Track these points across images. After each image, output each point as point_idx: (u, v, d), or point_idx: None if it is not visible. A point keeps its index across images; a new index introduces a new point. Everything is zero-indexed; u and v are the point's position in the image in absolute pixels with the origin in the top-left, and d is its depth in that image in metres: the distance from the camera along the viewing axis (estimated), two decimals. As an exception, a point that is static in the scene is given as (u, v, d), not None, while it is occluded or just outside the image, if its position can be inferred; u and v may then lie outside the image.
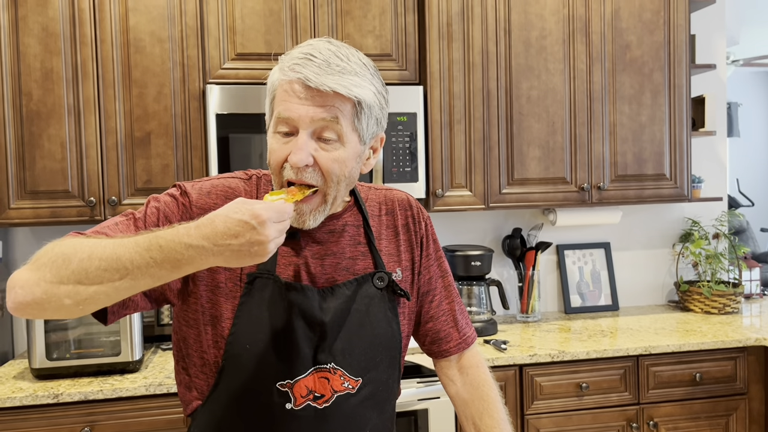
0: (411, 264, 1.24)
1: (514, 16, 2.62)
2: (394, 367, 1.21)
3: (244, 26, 2.42)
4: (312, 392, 1.10)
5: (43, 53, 2.27)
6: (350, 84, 1.03)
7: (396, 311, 1.20)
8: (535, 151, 2.65)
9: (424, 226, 1.28)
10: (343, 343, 1.13)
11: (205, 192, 1.12)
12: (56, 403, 2.02)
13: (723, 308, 2.89)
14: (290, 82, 1.03)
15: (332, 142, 1.06)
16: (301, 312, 1.10)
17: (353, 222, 1.19)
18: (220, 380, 1.11)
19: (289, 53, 1.08)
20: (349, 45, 1.10)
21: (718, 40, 3.22)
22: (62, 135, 2.28)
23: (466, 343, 1.30)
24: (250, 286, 1.10)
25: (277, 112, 1.05)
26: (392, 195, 1.28)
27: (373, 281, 1.16)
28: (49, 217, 2.29)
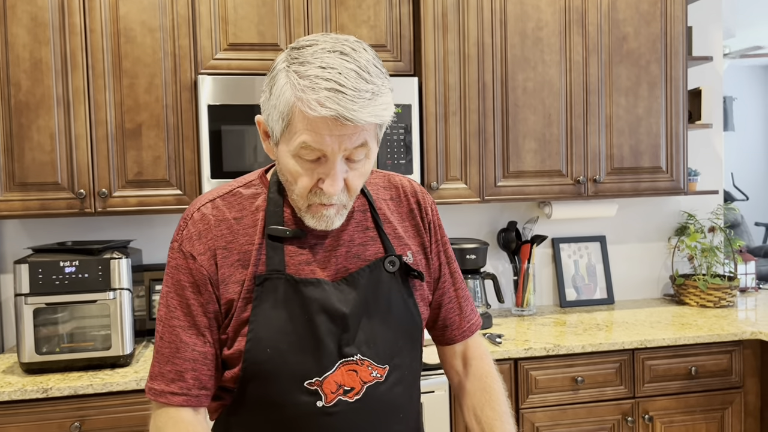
0: (422, 249, 1.23)
1: (510, 7, 2.59)
2: (417, 349, 1.20)
3: (236, 16, 2.38)
4: (342, 387, 1.09)
5: (32, 43, 2.23)
6: (381, 110, 0.99)
7: (411, 293, 1.18)
8: (530, 143, 2.63)
9: (430, 211, 1.25)
10: (365, 332, 1.11)
11: (195, 239, 1.10)
12: (45, 398, 2.00)
13: (718, 302, 2.88)
14: (321, 117, 0.96)
15: (361, 160, 1.05)
16: (322, 306, 1.08)
17: (359, 207, 1.18)
18: (245, 389, 1.09)
19: (297, 69, 0.98)
20: (365, 46, 1.03)
21: (715, 32, 3.20)
22: (51, 126, 2.25)
23: (470, 330, 1.30)
24: (261, 288, 1.08)
25: (303, 141, 0.98)
26: (396, 180, 1.26)
27: (384, 266, 1.14)
28: (39, 209, 2.25)
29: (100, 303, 2.15)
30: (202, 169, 2.33)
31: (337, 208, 1.07)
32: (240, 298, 1.08)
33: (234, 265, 1.09)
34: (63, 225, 2.60)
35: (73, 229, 2.61)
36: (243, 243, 1.10)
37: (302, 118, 0.97)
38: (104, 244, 2.24)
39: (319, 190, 1.03)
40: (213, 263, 1.09)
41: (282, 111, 1.00)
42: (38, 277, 2.10)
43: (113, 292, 2.14)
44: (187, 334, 1.08)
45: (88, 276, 2.13)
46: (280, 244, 1.10)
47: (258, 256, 1.09)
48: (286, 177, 1.06)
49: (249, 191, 1.14)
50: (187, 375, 1.08)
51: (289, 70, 0.99)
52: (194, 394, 1.08)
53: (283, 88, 0.99)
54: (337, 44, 0.99)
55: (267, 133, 1.08)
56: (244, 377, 1.08)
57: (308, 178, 1.03)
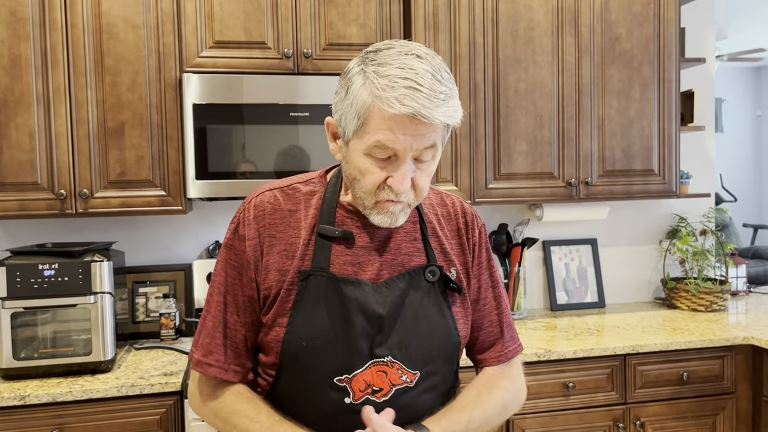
0: (465, 268, 1.24)
1: (502, 7, 2.55)
2: (452, 362, 1.21)
3: (222, 13, 2.33)
4: (370, 386, 1.11)
5: (11, 38, 2.16)
6: (453, 111, 1.04)
7: (450, 306, 1.19)
8: (522, 145, 2.59)
9: (478, 233, 1.27)
10: (399, 336, 1.13)
11: (248, 223, 1.17)
12: (23, 405, 1.93)
13: (710, 306, 2.86)
14: (398, 115, 1.00)
15: (428, 161, 1.09)
16: (360, 306, 1.11)
17: (410, 218, 1.20)
18: (279, 378, 1.15)
19: (375, 69, 1.03)
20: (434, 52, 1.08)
21: (707, 33, 3.18)
22: (31, 124, 2.18)
23: (506, 356, 1.28)
24: (305, 283, 1.12)
25: (377, 140, 1.03)
26: (448, 198, 1.29)
27: (425, 274, 1.17)
28: (17, 210, 2.19)
29: (81, 307, 2.09)
30: (186, 169, 2.27)
31: (403, 206, 1.11)
32: (282, 288, 1.12)
33: (279, 254, 1.14)
34: (43, 226, 2.54)
35: (53, 231, 2.55)
36: (292, 235, 1.15)
37: (379, 116, 1.02)
38: (85, 246, 2.17)
39: (387, 187, 1.07)
40: (259, 249, 1.14)
41: (359, 110, 1.04)
42: (16, 280, 2.04)
43: (94, 295, 2.08)
44: (223, 311, 1.15)
45: (68, 279, 2.07)
46: (328, 242, 1.14)
47: (305, 251, 1.14)
48: (354, 174, 1.10)
49: (307, 188, 1.20)
50: (221, 349, 1.15)
51: (367, 71, 1.04)
52: (226, 367, 1.15)
53: (361, 88, 1.04)
54: (413, 48, 1.05)
55: (335, 134, 1.13)
56: (281, 366, 1.13)
57: (377, 174, 1.07)
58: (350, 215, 1.17)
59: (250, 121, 2.29)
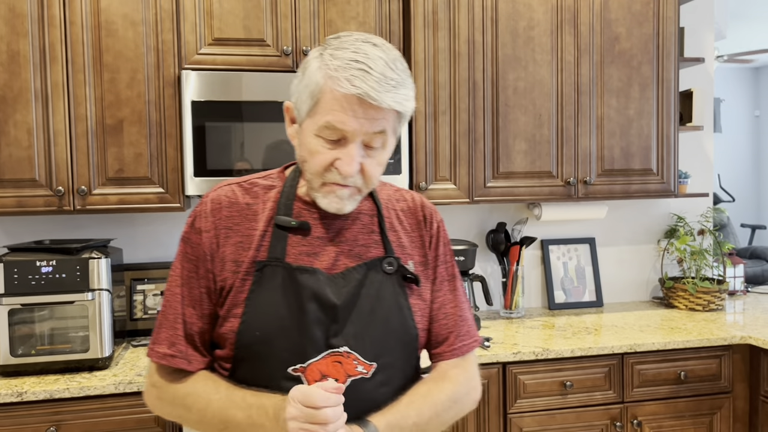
0: (424, 261, 1.25)
1: (502, 5, 2.55)
2: (410, 355, 1.21)
3: (221, 10, 2.32)
4: (325, 376, 1.11)
5: (9, 35, 2.15)
6: (404, 99, 1.07)
7: (407, 298, 1.20)
8: (521, 144, 2.59)
9: (436, 227, 1.28)
10: (355, 327, 1.13)
11: (204, 216, 1.18)
12: (20, 402, 1.93)
13: (707, 305, 2.86)
14: (348, 96, 1.04)
15: (377, 149, 1.10)
16: (313, 294, 1.11)
17: (368, 211, 1.22)
18: (234, 370, 1.15)
19: (332, 52, 1.07)
20: (391, 45, 1.11)
21: (706, 33, 3.18)
22: (29, 121, 2.18)
23: (461, 351, 1.26)
24: (260, 273, 1.13)
25: (327, 121, 1.06)
26: (408, 194, 1.30)
27: (382, 266, 1.17)
28: (15, 206, 2.18)
29: (78, 304, 2.08)
30: (185, 166, 2.26)
31: (351, 191, 1.12)
32: (238, 279, 1.13)
33: (235, 245, 1.15)
34: (41, 223, 2.53)
35: (51, 228, 2.54)
36: (248, 227, 1.16)
37: (330, 96, 1.05)
38: (83, 243, 2.17)
39: (335, 169, 1.09)
40: (215, 241, 1.15)
41: (312, 90, 1.07)
42: (14, 276, 2.04)
43: (92, 292, 2.08)
44: (180, 304, 1.16)
45: (65, 276, 2.06)
46: (285, 233, 1.15)
47: (261, 242, 1.15)
48: (304, 156, 1.12)
49: (266, 182, 1.22)
50: (183, 340, 1.15)
51: (324, 54, 1.08)
52: (189, 357, 1.16)
53: (316, 71, 1.07)
54: (371, 38, 1.09)
55: (293, 119, 1.16)
56: (236, 358, 1.14)
57: (325, 155, 1.08)
58: (307, 207, 1.18)
59: (249, 119, 2.28)
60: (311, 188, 1.14)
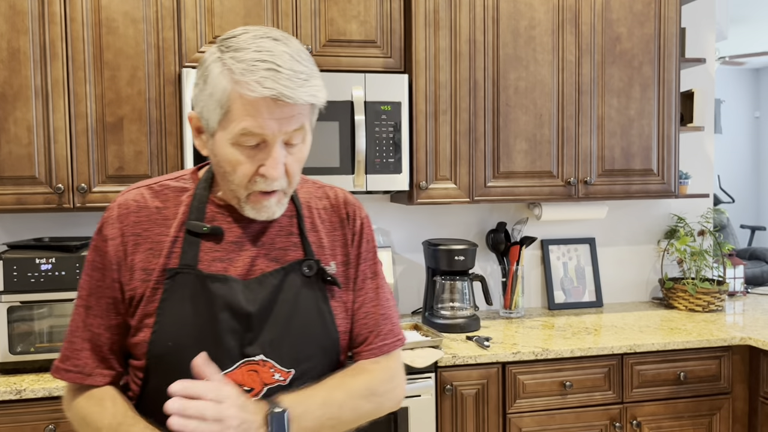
0: (346, 261, 1.21)
1: (503, 5, 2.55)
2: (332, 361, 1.17)
3: (222, 8, 2.32)
4: (240, 386, 1.06)
5: (10, 32, 2.15)
6: (316, 91, 1.03)
7: (328, 301, 1.16)
8: (521, 143, 2.59)
9: (359, 223, 1.23)
10: (271, 334, 1.09)
11: (111, 223, 1.12)
12: (19, 399, 1.93)
13: (707, 306, 2.86)
14: (261, 99, 0.98)
15: (297, 145, 1.07)
16: (226, 303, 1.07)
17: (286, 213, 1.16)
18: (147, 381, 1.10)
19: (232, 54, 1.00)
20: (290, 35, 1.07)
21: (708, 34, 3.18)
22: (29, 118, 2.17)
23: (380, 350, 1.21)
24: (171, 281, 1.08)
25: (243, 127, 1.00)
26: (329, 191, 1.25)
27: (301, 269, 1.13)
28: (14, 204, 2.18)
29: (78, 302, 2.08)
30: (185, 164, 2.26)
31: (278, 197, 1.08)
32: (149, 288, 1.09)
33: (145, 252, 1.10)
34: (41, 220, 2.53)
35: (51, 225, 2.54)
36: (158, 233, 1.11)
37: (242, 103, 0.99)
38: (82, 241, 2.17)
39: (260, 177, 1.04)
40: (122, 249, 1.10)
41: (220, 99, 1.01)
42: (13, 274, 2.03)
43: (91, 290, 2.07)
44: (85, 314, 1.11)
45: (64, 273, 2.06)
46: (197, 239, 1.10)
47: (172, 248, 1.10)
48: (224, 168, 1.06)
49: (177, 184, 1.16)
50: (81, 354, 1.11)
51: (224, 57, 1.01)
52: (87, 372, 1.11)
53: (219, 77, 1.00)
54: (267, 32, 1.03)
55: (199, 129, 1.09)
56: (148, 368, 1.09)
57: (248, 165, 1.03)
58: (221, 210, 1.13)
59: (250, 117, 2.28)
60: (237, 200, 1.09)
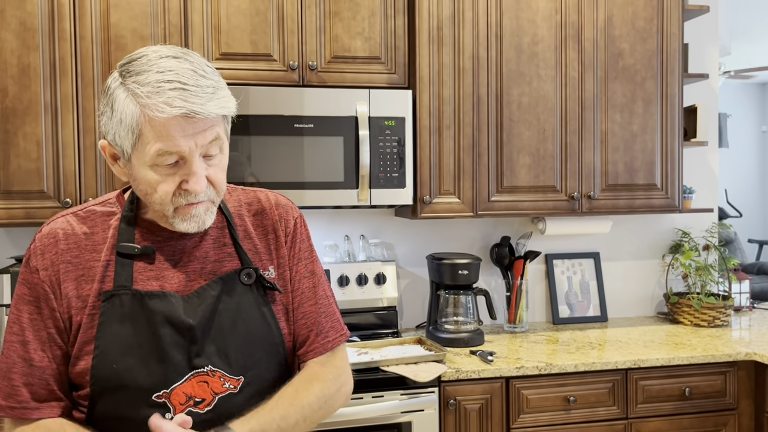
0: (283, 263, 1.22)
1: (506, 22, 2.57)
2: (279, 364, 1.19)
3: (229, 25, 2.36)
4: (191, 398, 1.08)
5: (20, 48, 2.19)
6: (226, 102, 1.05)
7: (269, 305, 1.18)
8: (525, 158, 2.60)
9: (293, 223, 1.25)
10: (216, 344, 1.11)
11: (39, 254, 1.11)
12: (25, 412, 1.94)
13: (713, 321, 2.85)
14: (171, 118, 0.99)
15: (216, 155, 1.08)
16: (166, 318, 1.08)
17: (216, 224, 1.18)
18: (94, 407, 1.09)
19: (134, 78, 1.01)
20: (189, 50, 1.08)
21: (711, 50, 3.19)
22: (38, 133, 2.21)
23: (324, 348, 1.22)
24: (108, 304, 1.08)
25: (158, 149, 1.01)
26: (260, 195, 1.26)
27: (240, 278, 1.15)
28: (23, 218, 2.21)
29: (84, 315, 2.10)
30: (191, 179, 2.28)
31: (205, 206, 1.09)
32: (85, 315, 1.08)
33: (77, 280, 1.10)
34: (49, 234, 2.55)
35: (59, 238, 2.56)
36: (89, 259, 1.11)
37: (152, 125, 1.00)
38: (89, 255, 2.19)
39: (184, 191, 1.05)
40: (56, 278, 1.09)
41: (129, 124, 1.01)
42: (20, 287, 2.05)
43: (97, 303, 2.09)
44: (23, 349, 1.08)
45: (71, 287, 2.08)
46: (129, 260, 1.11)
47: (105, 272, 1.10)
48: (145, 190, 1.07)
49: (104, 209, 1.16)
50: (22, 390, 1.08)
51: (127, 82, 1.01)
52: (33, 406, 1.08)
53: (126, 102, 1.01)
54: (168, 50, 1.04)
55: (114, 155, 1.09)
56: (93, 393, 1.08)
57: (169, 183, 1.05)
58: (150, 230, 1.13)
59: (255, 132, 2.31)
60: (165, 217, 1.09)
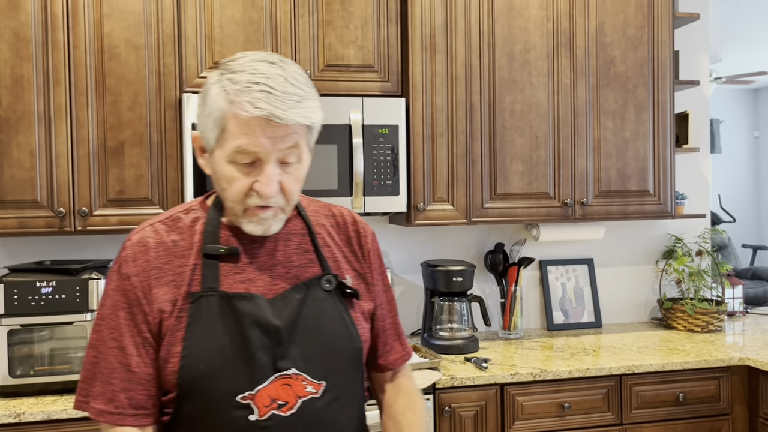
0: (360, 275, 1.26)
1: (498, 29, 2.59)
2: (358, 370, 1.21)
3: (222, 35, 2.37)
4: (275, 400, 1.09)
5: (14, 59, 2.20)
6: (310, 112, 1.07)
7: (349, 313, 1.20)
8: (518, 165, 2.61)
9: (370, 240, 1.29)
10: (301, 347, 1.12)
11: (131, 261, 1.14)
12: (18, 423, 1.93)
13: (706, 326, 2.86)
14: (254, 118, 1.03)
15: (293, 164, 1.10)
16: (254, 320, 1.10)
17: (299, 231, 1.21)
18: (180, 407, 1.11)
19: (230, 76, 1.06)
20: (289, 60, 1.11)
21: (702, 56, 3.22)
22: (32, 143, 2.21)
23: (408, 355, 1.33)
24: (195, 305, 1.10)
25: (237, 145, 1.05)
26: (336, 209, 1.30)
27: (321, 284, 1.17)
28: (16, 227, 2.21)
29: (77, 324, 2.09)
30: (185, 188, 2.29)
31: (274, 212, 1.11)
32: (172, 319, 1.10)
33: (168, 285, 1.12)
34: (43, 244, 2.55)
35: (52, 248, 2.56)
36: (178, 264, 1.14)
37: (236, 121, 1.04)
38: (83, 264, 2.19)
39: (254, 192, 1.08)
40: (147, 284, 1.12)
41: (216, 118, 1.06)
42: (14, 297, 2.05)
43: (91, 313, 2.09)
44: (121, 355, 1.11)
45: (65, 296, 2.08)
46: (215, 262, 1.13)
47: (192, 276, 1.13)
48: (221, 184, 1.11)
49: (189, 216, 1.19)
50: (121, 395, 1.10)
51: (222, 80, 1.06)
52: (130, 413, 1.10)
53: (216, 97, 1.06)
54: (266, 56, 1.08)
55: (202, 148, 1.14)
56: (179, 395, 1.10)
57: (243, 181, 1.08)
58: (235, 234, 1.16)
59: (249, 141, 2.31)
60: (234, 215, 1.12)
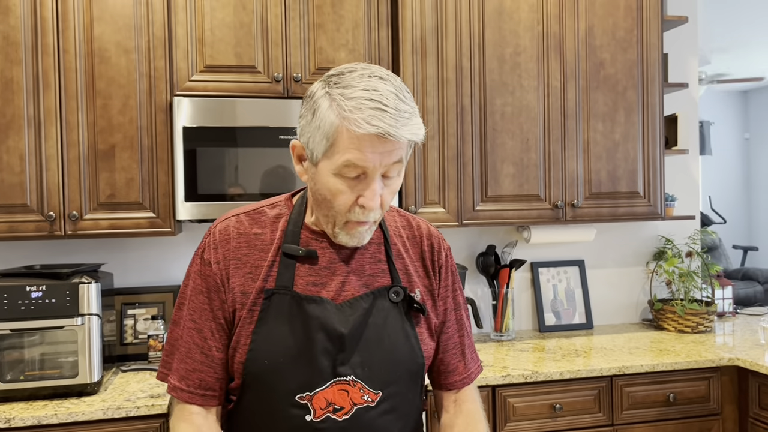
0: (429, 290, 1.26)
1: (489, 33, 2.60)
2: (416, 383, 1.22)
3: (213, 38, 2.37)
4: (331, 404, 1.13)
5: (3, 62, 2.19)
6: (418, 129, 1.08)
7: (414, 327, 1.21)
8: (509, 168, 2.62)
9: (444, 256, 1.30)
10: (362, 355, 1.15)
11: (213, 248, 1.18)
12: (8, 428, 1.92)
13: (696, 327, 2.88)
14: (366, 134, 1.04)
15: (394, 177, 1.12)
16: (321, 324, 1.13)
17: (375, 239, 1.23)
18: (242, 397, 1.16)
19: (341, 91, 1.06)
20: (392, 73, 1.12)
21: (690, 59, 3.24)
22: (21, 147, 2.20)
23: (469, 378, 1.32)
24: (268, 302, 1.14)
25: (347, 159, 1.06)
26: (414, 221, 1.31)
27: (389, 295, 1.19)
28: (6, 232, 2.20)
29: (68, 329, 2.09)
30: (176, 191, 2.29)
31: (369, 225, 1.14)
32: (246, 310, 1.14)
33: (245, 276, 1.16)
34: (33, 248, 2.54)
35: (42, 252, 2.55)
36: (257, 258, 1.17)
37: (348, 136, 1.05)
38: (73, 268, 2.18)
39: (358, 207, 1.10)
40: (226, 273, 1.16)
41: (327, 131, 1.06)
42: (3, 301, 2.04)
43: (81, 317, 2.08)
44: (199, 337, 1.16)
45: (55, 301, 2.07)
46: (292, 261, 1.16)
47: (269, 272, 1.16)
48: (324, 195, 1.12)
49: (273, 211, 1.22)
50: (193, 375, 1.16)
51: (333, 93, 1.07)
52: (199, 393, 1.16)
53: (328, 111, 1.06)
54: (374, 71, 1.09)
55: (301, 156, 1.16)
56: (243, 385, 1.15)
57: (348, 194, 1.09)
58: (315, 236, 1.19)
59: (240, 144, 2.31)
60: (333, 225, 1.14)
